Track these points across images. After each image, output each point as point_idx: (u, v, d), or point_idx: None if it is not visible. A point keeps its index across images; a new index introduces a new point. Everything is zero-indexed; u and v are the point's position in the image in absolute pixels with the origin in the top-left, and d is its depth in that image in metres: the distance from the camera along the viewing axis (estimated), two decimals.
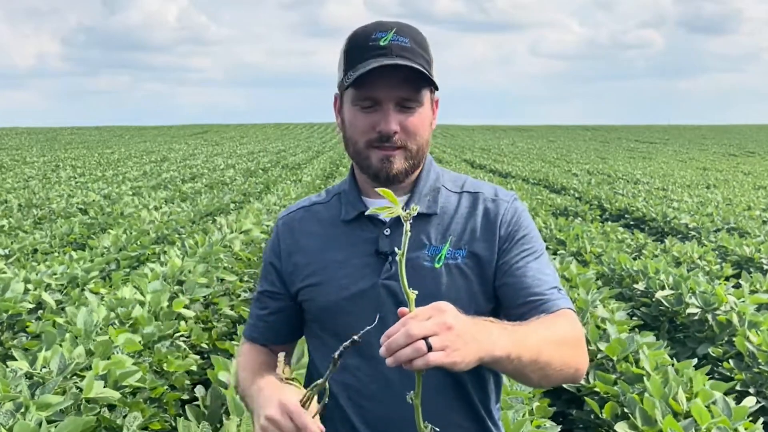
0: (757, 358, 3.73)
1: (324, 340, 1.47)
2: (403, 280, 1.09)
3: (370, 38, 1.35)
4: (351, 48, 1.37)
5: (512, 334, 1.18)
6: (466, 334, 1.08)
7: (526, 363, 1.19)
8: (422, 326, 1.05)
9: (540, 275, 1.37)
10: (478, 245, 1.40)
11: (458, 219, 1.42)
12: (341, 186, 1.53)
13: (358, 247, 1.42)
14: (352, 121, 1.39)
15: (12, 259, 6.87)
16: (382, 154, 1.37)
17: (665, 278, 5.03)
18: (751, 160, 31.77)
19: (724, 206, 11.44)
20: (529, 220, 1.45)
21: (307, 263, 1.47)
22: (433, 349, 1.04)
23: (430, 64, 1.37)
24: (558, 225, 8.48)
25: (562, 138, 59.83)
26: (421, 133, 1.38)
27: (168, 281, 4.55)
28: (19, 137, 54.32)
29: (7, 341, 4.16)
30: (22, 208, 11.66)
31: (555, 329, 1.28)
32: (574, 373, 1.31)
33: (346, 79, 1.35)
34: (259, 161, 24.82)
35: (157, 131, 72.41)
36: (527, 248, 1.40)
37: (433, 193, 1.45)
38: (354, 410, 1.42)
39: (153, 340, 3.61)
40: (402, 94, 1.35)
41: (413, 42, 1.36)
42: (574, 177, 17.98)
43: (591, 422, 3.39)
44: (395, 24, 1.37)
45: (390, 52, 1.33)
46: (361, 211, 1.43)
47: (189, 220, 9.37)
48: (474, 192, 1.46)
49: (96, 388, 2.72)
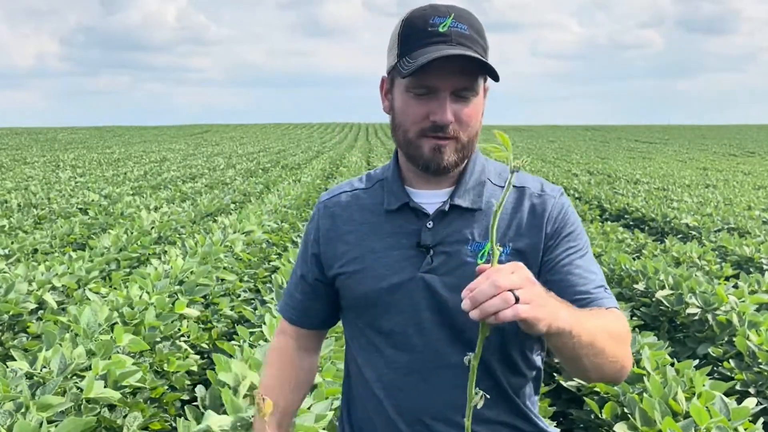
0: (758, 357, 3.73)
1: (361, 329, 1.46)
2: (492, 235, 1.06)
3: (428, 23, 1.30)
4: (408, 32, 1.32)
5: (575, 312, 1.17)
6: (543, 294, 1.08)
7: (584, 344, 1.17)
8: (509, 278, 1.03)
9: (587, 273, 1.34)
10: (522, 241, 1.36)
11: (503, 214, 1.37)
12: (384, 173, 1.49)
13: (399, 238, 1.39)
14: (404, 109, 1.34)
15: (12, 259, 6.87)
16: (435, 143, 1.33)
17: (665, 278, 5.03)
18: (751, 160, 31.77)
19: (724, 206, 11.44)
20: (575, 216, 1.42)
21: (346, 250, 1.44)
22: (520, 302, 1.02)
23: (486, 51, 1.34)
24: None
25: (562, 138, 59.81)
26: (474, 123, 1.35)
27: (170, 281, 4.55)
28: (19, 137, 54.31)
29: (8, 341, 4.17)
30: (22, 208, 11.66)
31: (608, 321, 1.27)
32: (620, 369, 1.28)
33: (403, 64, 1.30)
34: (259, 161, 24.82)
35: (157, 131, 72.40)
36: (573, 245, 1.37)
37: (478, 188, 1.40)
38: (389, 401, 1.41)
39: (155, 340, 3.62)
40: (459, 84, 1.30)
41: (471, 29, 1.31)
42: (574, 177, 17.98)
43: (591, 422, 3.39)
44: (453, 8, 1.32)
45: (450, 40, 1.28)
46: (405, 202, 1.41)
47: (189, 220, 9.37)
48: (520, 186, 1.41)
49: (96, 389, 2.72)
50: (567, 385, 3.59)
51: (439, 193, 1.41)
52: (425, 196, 1.41)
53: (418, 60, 1.26)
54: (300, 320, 1.59)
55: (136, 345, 3.26)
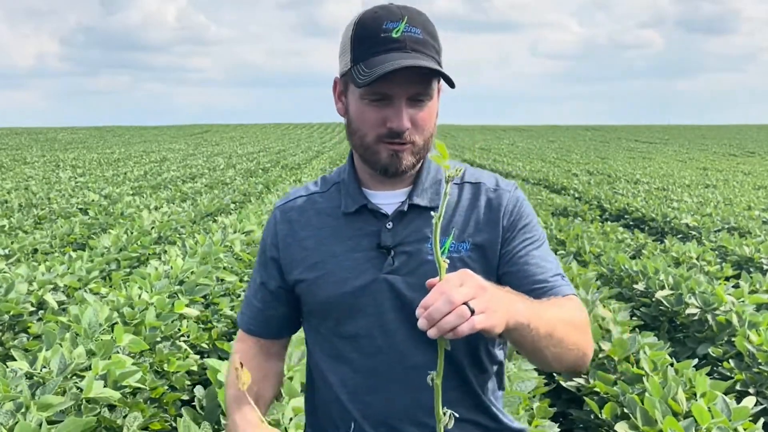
0: (757, 358, 3.73)
1: (324, 335, 1.46)
2: (436, 246, 1.05)
3: (381, 28, 1.30)
4: (361, 37, 1.32)
5: (532, 304, 1.18)
6: (496, 295, 1.09)
7: (543, 335, 1.18)
8: (461, 291, 1.03)
9: (543, 263, 1.37)
10: (481, 236, 1.38)
11: (461, 211, 1.39)
12: (339, 175, 1.49)
13: (359, 241, 1.40)
14: (360, 115, 1.35)
15: (13, 259, 6.87)
16: (392, 149, 1.34)
17: (665, 278, 5.03)
18: (751, 160, 31.76)
19: (724, 206, 11.44)
20: (530, 208, 1.44)
21: (305, 256, 1.44)
22: (475, 313, 1.02)
23: (439, 53, 1.34)
24: (558, 225, 8.48)
25: (562, 138, 59.81)
26: (429, 126, 1.36)
27: (170, 281, 4.56)
28: (19, 137, 54.30)
29: (8, 341, 4.17)
30: (22, 208, 11.66)
31: (566, 310, 1.29)
32: (582, 357, 1.30)
33: (358, 73, 1.30)
34: (259, 161, 24.82)
35: (157, 131, 72.40)
36: (529, 237, 1.39)
37: (435, 186, 1.42)
38: (354, 405, 1.41)
39: (156, 340, 3.62)
40: (414, 90, 1.31)
41: (425, 32, 1.31)
42: (574, 177, 17.97)
43: (591, 422, 3.39)
44: (405, 11, 1.32)
45: (404, 46, 1.29)
46: (363, 204, 1.41)
47: (189, 220, 9.37)
48: (475, 182, 1.43)
49: (96, 388, 2.72)
50: (567, 385, 3.59)
51: (397, 194, 1.42)
52: (383, 197, 1.42)
53: (373, 71, 1.26)
54: (260, 330, 1.55)
55: (136, 345, 3.26)
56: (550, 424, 3.10)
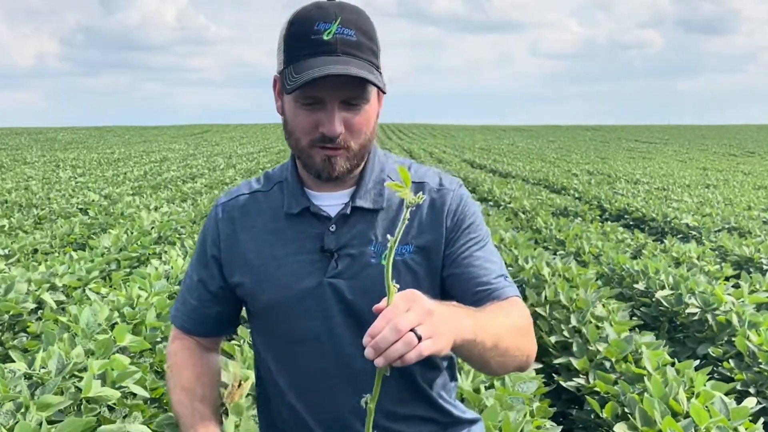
0: (758, 357, 3.73)
1: (270, 338, 1.44)
2: (387, 273, 1.02)
3: (312, 29, 1.25)
4: (291, 37, 1.28)
5: (476, 318, 1.16)
6: (442, 317, 1.06)
7: (489, 347, 1.17)
8: (407, 318, 1.00)
9: (487, 264, 1.36)
10: (424, 238, 1.37)
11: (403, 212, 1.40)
12: (282, 173, 1.46)
13: (302, 243, 1.37)
14: (294, 118, 1.31)
15: (13, 259, 6.87)
16: (325, 154, 1.31)
17: (665, 278, 5.03)
18: (751, 160, 31.75)
19: (724, 206, 11.44)
20: (474, 207, 1.42)
21: (248, 258, 1.41)
22: (422, 339, 1.00)
23: (377, 54, 1.30)
24: (558, 225, 8.47)
25: (562, 138, 59.80)
26: (366, 131, 1.33)
27: (170, 281, 4.56)
28: (19, 137, 54.30)
29: (8, 341, 4.17)
30: (22, 208, 11.66)
31: (510, 316, 1.27)
32: (525, 360, 1.30)
33: (288, 76, 1.27)
34: (259, 161, 24.82)
35: (157, 131, 72.39)
36: (473, 237, 1.38)
37: (378, 187, 1.39)
38: (305, 408, 1.40)
39: (156, 340, 3.62)
40: (347, 95, 1.28)
41: (359, 33, 1.27)
42: (574, 177, 17.96)
43: (591, 422, 3.39)
44: (339, 10, 1.26)
45: (335, 50, 1.24)
46: (305, 207, 1.38)
47: (189, 220, 9.37)
48: (419, 182, 1.41)
49: (95, 388, 2.72)
50: (567, 385, 3.59)
51: (340, 194, 1.39)
52: (325, 198, 1.39)
53: (300, 76, 1.23)
54: (195, 328, 1.52)
55: (136, 345, 3.26)
56: (551, 424, 3.10)
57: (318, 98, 1.27)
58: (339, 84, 1.25)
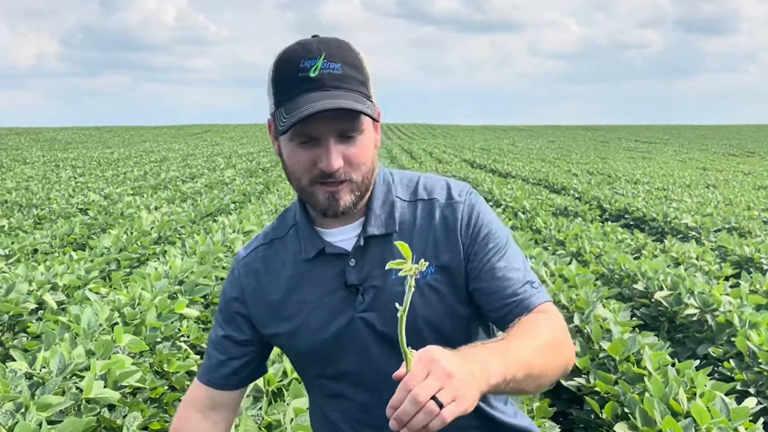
0: (758, 357, 3.73)
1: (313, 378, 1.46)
2: (402, 339, 1.01)
3: (298, 68, 1.25)
4: (279, 79, 1.28)
5: (503, 355, 1.13)
6: (465, 374, 1.02)
7: (521, 380, 1.15)
8: (427, 386, 0.98)
9: (510, 273, 1.33)
10: (444, 257, 1.35)
11: (418, 233, 1.36)
12: (294, 215, 1.45)
13: (326, 285, 1.37)
14: (292, 158, 1.31)
15: (13, 259, 6.87)
16: (327, 191, 1.30)
17: (664, 278, 5.03)
18: (751, 160, 31.76)
19: (724, 206, 11.44)
20: (487, 213, 1.39)
21: (278, 308, 1.41)
22: (444, 405, 0.98)
23: (366, 84, 1.29)
24: (558, 225, 8.48)
25: (562, 138, 59.80)
26: (365, 161, 1.31)
27: (170, 281, 4.56)
28: (19, 137, 54.30)
29: (8, 341, 4.17)
30: (22, 208, 11.66)
31: (540, 335, 1.24)
32: (564, 369, 1.28)
33: (279, 117, 1.26)
34: (259, 161, 24.82)
35: (157, 131, 72.39)
36: (492, 246, 1.35)
37: (388, 209, 1.37)
38: None
39: (156, 340, 3.62)
40: (340, 128, 1.27)
41: (345, 65, 1.26)
42: (574, 177, 17.97)
43: (591, 422, 3.39)
44: (324, 46, 1.26)
45: (322, 85, 1.24)
46: (320, 249, 1.37)
47: (189, 220, 9.37)
48: (428, 199, 1.38)
49: (96, 389, 2.72)
50: (567, 384, 3.59)
51: (352, 227, 1.38)
52: (338, 234, 1.38)
53: (291, 116, 1.23)
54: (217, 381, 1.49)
55: (136, 345, 3.26)
56: (551, 424, 3.10)
57: (312, 136, 1.27)
58: (330, 118, 1.24)
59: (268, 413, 2.63)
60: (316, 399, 1.49)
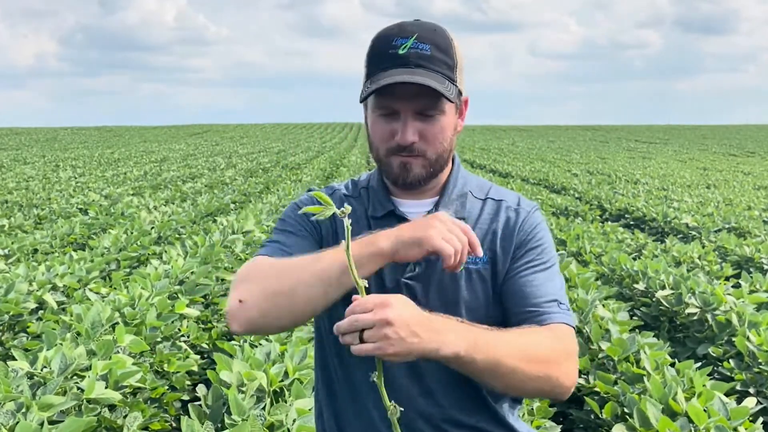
0: (757, 357, 3.73)
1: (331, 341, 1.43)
2: (351, 270, 1.15)
3: (390, 44, 1.33)
4: (372, 54, 1.37)
5: (471, 335, 1.19)
6: (406, 329, 1.12)
7: (481, 367, 1.19)
8: (363, 318, 1.11)
9: (542, 287, 1.37)
10: (497, 251, 1.41)
11: (481, 224, 1.43)
12: (369, 180, 1.52)
13: None
14: (374, 128, 1.40)
15: (13, 259, 6.88)
16: (401, 160, 1.37)
17: (665, 278, 5.03)
18: (751, 160, 31.77)
19: (724, 206, 11.44)
20: (545, 232, 1.45)
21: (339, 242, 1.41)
22: (363, 341, 1.11)
23: (453, 69, 1.35)
24: (558, 225, 8.48)
25: (562, 138, 59.80)
26: (441, 140, 1.39)
27: (170, 281, 4.56)
28: (19, 137, 54.31)
29: (8, 341, 4.17)
30: (22, 208, 11.66)
31: (529, 341, 1.26)
32: (550, 390, 1.29)
33: (365, 87, 1.35)
34: (259, 161, 24.82)
35: (157, 131, 72.40)
36: (535, 259, 1.40)
37: (461, 199, 1.46)
38: (374, 404, 1.39)
39: (156, 340, 3.62)
40: (419, 106, 1.34)
41: (435, 48, 1.33)
42: (574, 177, 17.98)
43: (591, 422, 3.40)
44: (417, 27, 1.35)
45: (408, 62, 1.31)
46: (390, 210, 1.44)
47: (189, 220, 9.37)
48: (498, 200, 1.47)
49: (97, 389, 2.72)
50: None
51: (423, 203, 1.45)
52: (410, 206, 1.45)
53: (372, 85, 1.32)
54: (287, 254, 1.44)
55: (136, 345, 3.26)
56: (551, 424, 3.10)
57: (393, 109, 1.35)
58: (411, 95, 1.32)
59: (270, 414, 2.63)
60: (335, 359, 1.45)
